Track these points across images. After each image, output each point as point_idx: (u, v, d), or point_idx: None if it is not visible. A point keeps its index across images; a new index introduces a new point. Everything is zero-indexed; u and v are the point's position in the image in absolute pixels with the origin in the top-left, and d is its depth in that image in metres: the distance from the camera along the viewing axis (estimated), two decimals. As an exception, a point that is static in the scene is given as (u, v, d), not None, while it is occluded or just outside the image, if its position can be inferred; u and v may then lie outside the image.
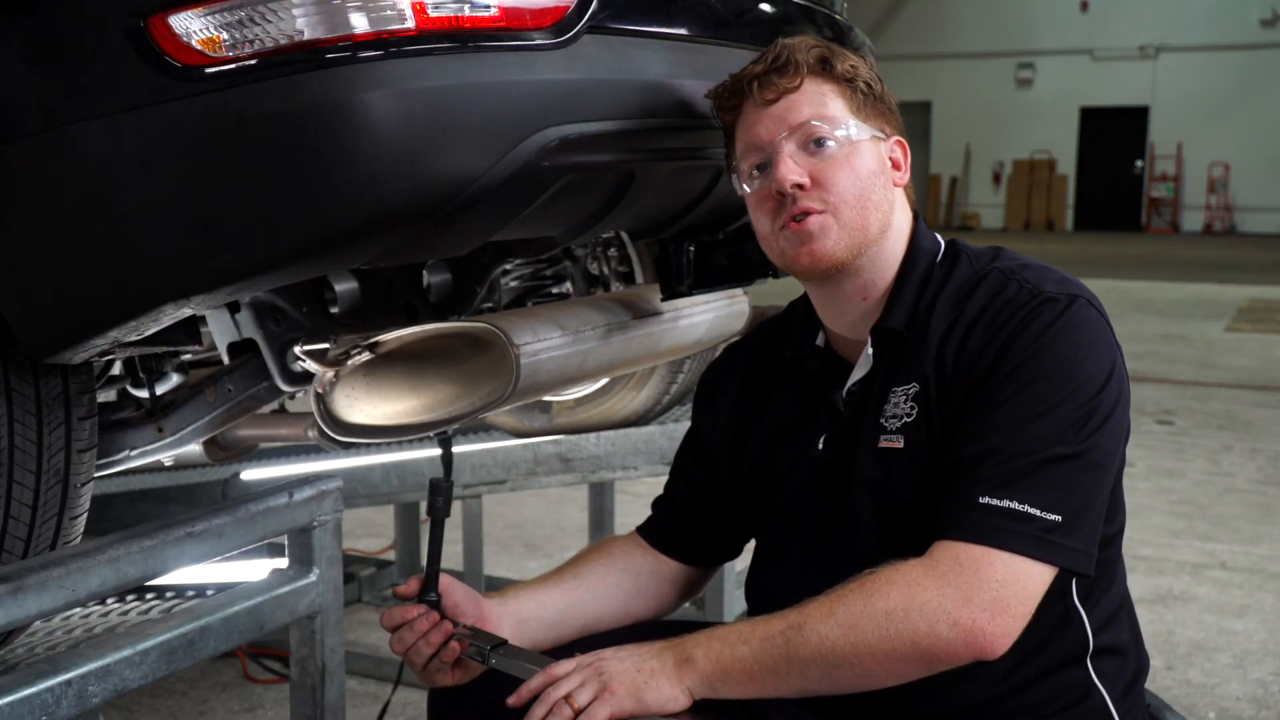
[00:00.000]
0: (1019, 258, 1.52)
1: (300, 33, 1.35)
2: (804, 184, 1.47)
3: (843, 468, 1.52)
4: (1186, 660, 3.20)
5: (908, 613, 1.31)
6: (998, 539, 1.32)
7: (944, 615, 1.30)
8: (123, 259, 1.46)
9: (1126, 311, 10.41)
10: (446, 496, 1.55)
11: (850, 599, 1.34)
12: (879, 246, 1.51)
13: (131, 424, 1.95)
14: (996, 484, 1.34)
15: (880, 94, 1.53)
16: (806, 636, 1.33)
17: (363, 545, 4.13)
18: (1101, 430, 1.38)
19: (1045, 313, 1.41)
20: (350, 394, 1.78)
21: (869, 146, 1.50)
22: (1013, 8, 24.26)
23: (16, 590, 1.38)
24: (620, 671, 1.37)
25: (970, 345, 1.43)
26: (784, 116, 1.49)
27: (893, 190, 1.53)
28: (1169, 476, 5.05)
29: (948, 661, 1.32)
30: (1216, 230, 23.36)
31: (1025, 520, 1.32)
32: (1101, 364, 1.40)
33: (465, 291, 2.05)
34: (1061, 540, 1.33)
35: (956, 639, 1.30)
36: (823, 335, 1.61)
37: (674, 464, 1.77)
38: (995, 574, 1.31)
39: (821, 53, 1.50)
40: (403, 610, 1.52)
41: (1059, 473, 1.34)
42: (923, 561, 1.34)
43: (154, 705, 2.90)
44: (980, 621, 1.30)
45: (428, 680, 1.54)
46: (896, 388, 1.48)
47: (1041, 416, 1.36)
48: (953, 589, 1.31)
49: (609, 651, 1.41)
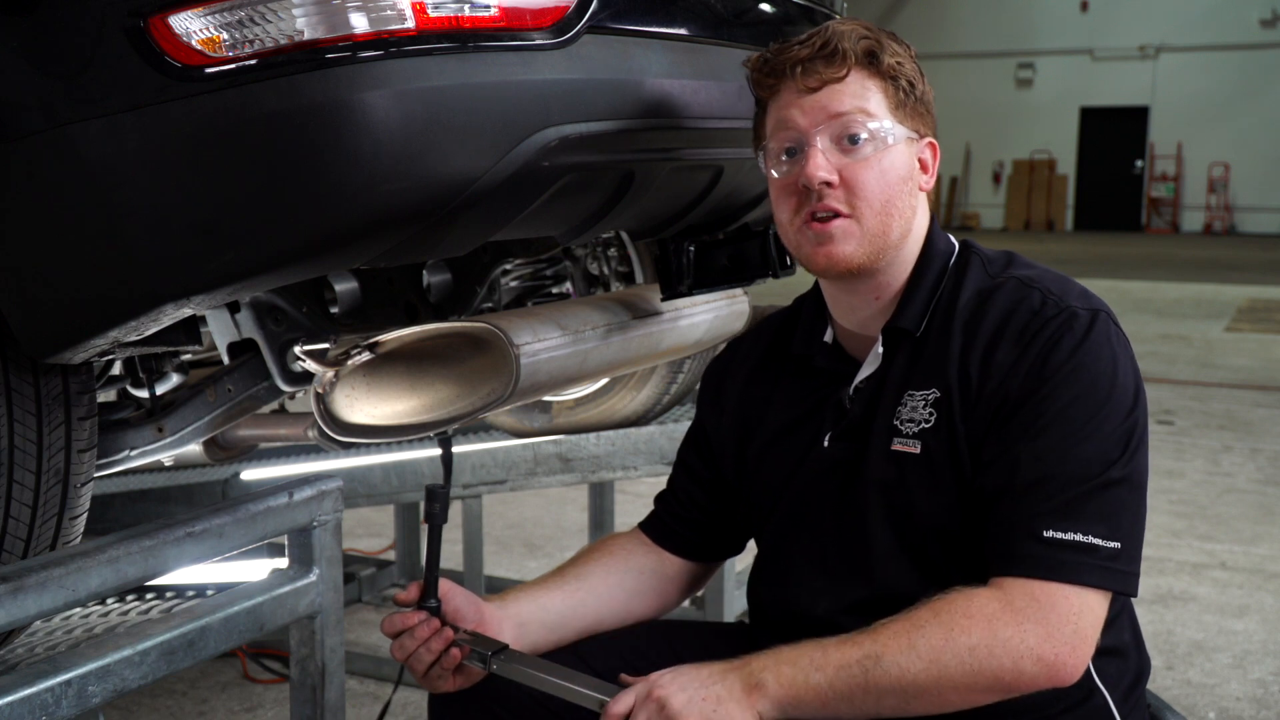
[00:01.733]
0: (1033, 265, 1.51)
1: (300, 33, 1.35)
2: (833, 182, 1.44)
3: (851, 467, 1.51)
4: (1186, 660, 3.20)
5: (991, 649, 1.32)
6: (1069, 574, 1.34)
7: (1028, 651, 1.32)
8: (123, 259, 1.46)
9: (1126, 311, 10.41)
10: (444, 503, 1.54)
11: (929, 632, 1.33)
12: (898, 250, 1.49)
13: (131, 424, 1.95)
14: (1056, 515, 1.35)
15: (920, 93, 1.49)
16: (886, 668, 1.33)
17: (363, 545, 4.13)
18: (1140, 449, 1.40)
19: (1075, 328, 1.41)
20: (350, 394, 1.78)
21: (902, 149, 1.47)
22: (1013, 8, 24.25)
23: (16, 590, 1.38)
24: (686, 703, 1.33)
25: (998, 358, 1.42)
26: (825, 106, 1.45)
27: (917, 195, 1.51)
28: (1169, 476, 5.05)
29: (1027, 691, 1.35)
30: (1216, 230, 23.36)
31: (1091, 552, 1.34)
32: (1129, 380, 1.41)
33: (465, 291, 2.05)
34: (1122, 567, 1.36)
35: (1040, 673, 1.33)
36: (831, 331, 1.60)
37: (678, 458, 1.76)
38: (1072, 607, 1.34)
39: (870, 45, 1.46)
40: (403, 617, 1.52)
41: (1112, 498, 1.36)
42: (997, 595, 1.35)
43: (154, 705, 2.90)
44: (1063, 655, 1.33)
45: (429, 686, 1.54)
46: (914, 391, 1.47)
47: (1087, 440, 1.37)
48: (1034, 625, 1.33)
49: (666, 678, 1.36)
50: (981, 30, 24.33)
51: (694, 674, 1.36)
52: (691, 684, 1.35)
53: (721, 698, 1.34)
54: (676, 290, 2.07)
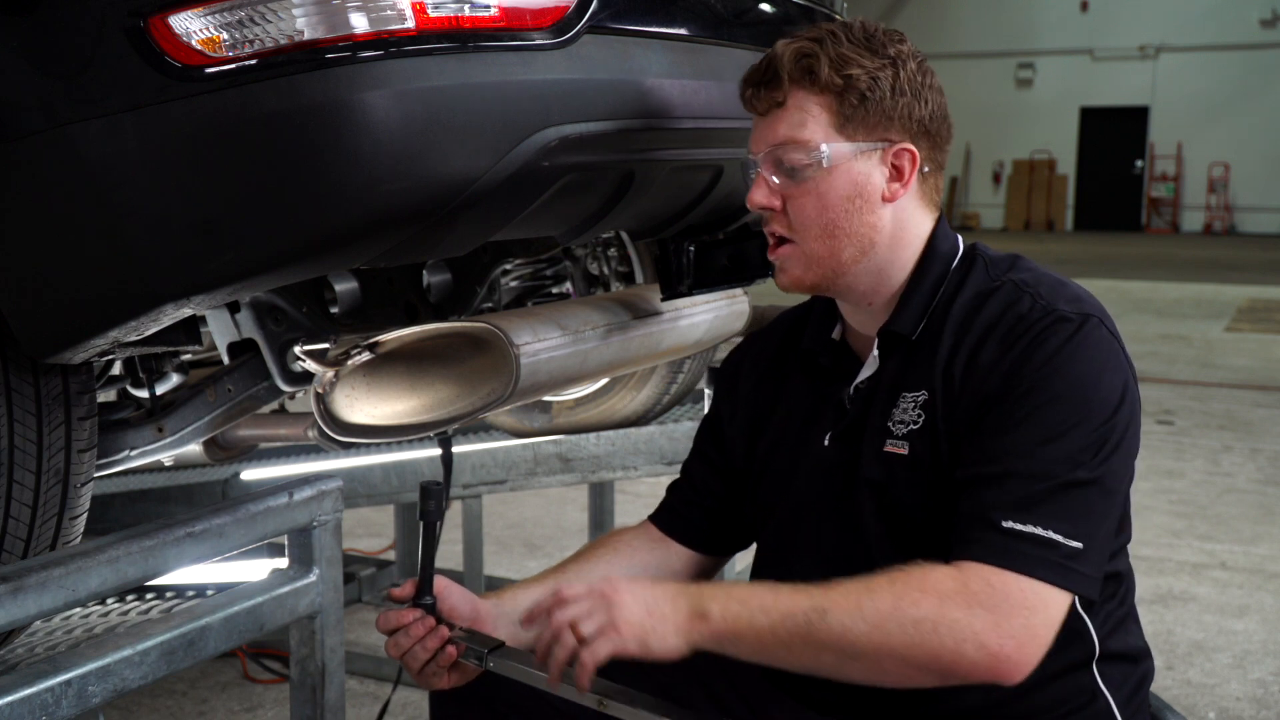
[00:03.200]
0: (1035, 269, 1.50)
1: (300, 33, 1.35)
2: (773, 207, 1.47)
3: (848, 468, 1.52)
4: (1186, 660, 3.20)
5: (936, 626, 1.30)
6: (1024, 564, 1.32)
7: (972, 636, 1.30)
8: (122, 259, 1.46)
9: (1126, 311, 10.41)
10: (438, 501, 1.54)
11: (879, 597, 1.33)
12: (867, 263, 1.48)
13: (131, 424, 1.95)
14: (1016, 507, 1.34)
15: (880, 98, 1.45)
16: (830, 623, 1.32)
17: (363, 545, 4.13)
18: (1115, 455, 1.37)
19: (1060, 332, 1.40)
20: (350, 394, 1.78)
21: (844, 171, 1.45)
22: (1013, 8, 24.25)
23: (16, 590, 1.38)
24: (631, 612, 1.35)
25: (981, 359, 1.42)
26: (763, 134, 1.47)
27: (878, 210, 1.47)
28: (1169, 476, 5.05)
29: (963, 679, 1.33)
30: (1216, 230, 23.35)
31: (1049, 547, 1.33)
32: (1114, 386, 1.40)
33: (465, 291, 2.06)
34: (1080, 568, 1.34)
35: (981, 661, 1.30)
36: (840, 328, 1.60)
37: (693, 448, 1.76)
38: (1026, 601, 1.31)
39: (809, 62, 1.43)
40: (398, 614, 1.52)
41: (1077, 498, 1.35)
42: (955, 575, 1.33)
43: (154, 705, 2.90)
44: (1008, 649, 1.30)
45: (424, 683, 1.53)
46: (907, 393, 1.48)
47: (1057, 440, 1.36)
48: (984, 611, 1.30)
49: (624, 583, 1.38)
50: (981, 30, 24.32)
51: (649, 588, 1.38)
52: (644, 595, 1.36)
53: (665, 616, 1.35)
54: (676, 290, 2.07)
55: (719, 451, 1.71)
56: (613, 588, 1.37)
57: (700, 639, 1.35)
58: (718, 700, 1.61)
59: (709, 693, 1.61)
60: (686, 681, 1.60)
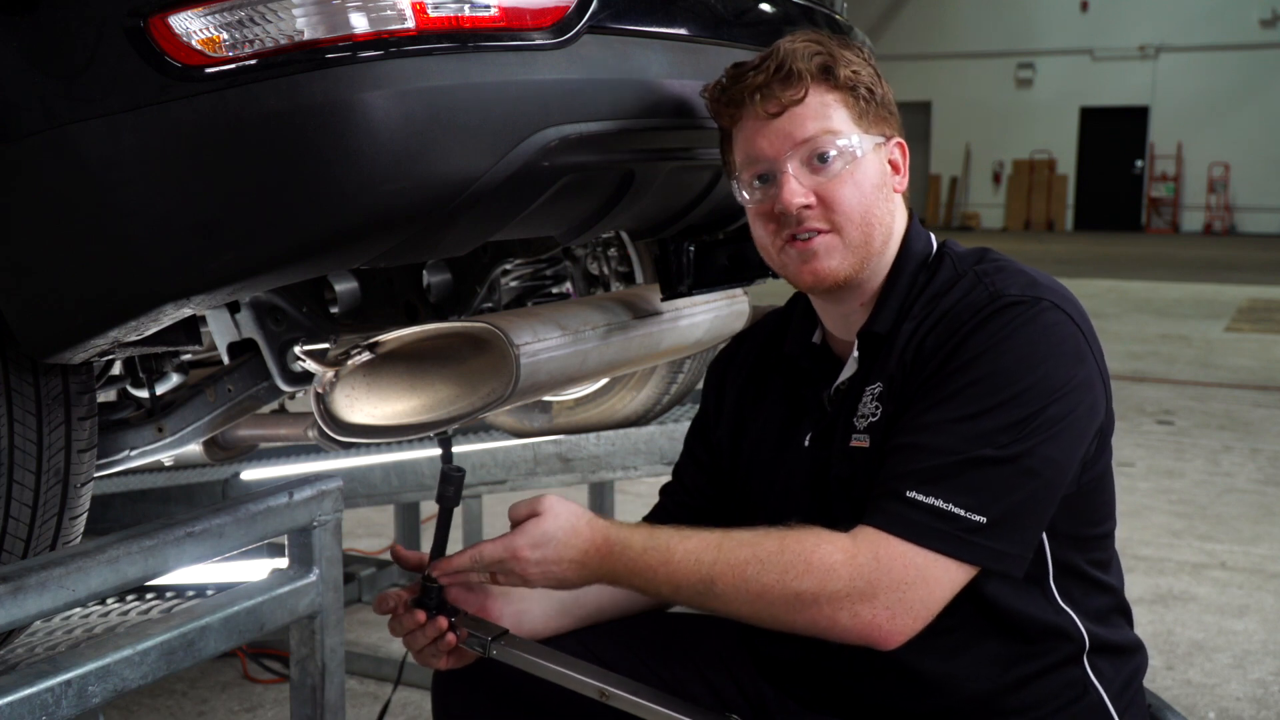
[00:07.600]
0: (1001, 260, 1.51)
1: (300, 33, 1.35)
2: (810, 204, 1.46)
3: (822, 467, 1.53)
4: (1186, 660, 3.20)
5: (816, 598, 1.35)
6: (918, 535, 1.35)
7: (847, 605, 1.34)
8: (122, 259, 1.46)
9: (1126, 311, 10.40)
10: (457, 487, 1.55)
11: (767, 570, 1.37)
12: (880, 257, 1.51)
13: (131, 424, 1.95)
14: (922, 479, 1.36)
15: (880, 97, 1.50)
16: (717, 593, 1.39)
17: (363, 545, 4.13)
18: (1044, 438, 1.37)
19: (1005, 315, 1.40)
20: (350, 394, 1.78)
21: (872, 158, 1.48)
22: (1013, 8, 24.25)
23: (16, 590, 1.38)
24: (551, 526, 1.43)
25: (927, 345, 1.44)
26: (789, 132, 1.47)
27: (894, 198, 1.52)
28: (1169, 476, 5.05)
29: (839, 640, 1.38)
30: (1216, 230, 23.36)
31: (947, 519, 1.35)
32: (1057, 371, 1.39)
33: (465, 291, 2.06)
34: (985, 542, 1.35)
35: (851, 628, 1.35)
36: (820, 332, 1.61)
37: (684, 449, 1.77)
38: (908, 573, 1.34)
39: (824, 60, 1.47)
40: (396, 594, 1.52)
41: (986, 475, 1.36)
42: (845, 546, 1.37)
43: (154, 705, 2.90)
44: (879, 619, 1.35)
45: (422, 662, 1.55)
46: (868, 386, 1.50)
47: (973, 418, 1.37)
48: (864, 583, 1.34)
49: (562, 505, 1.45)
50: (981, 30, 24.33)
51: (579, 516, 1.45)
52: (571, 518, 1.44)
53: (569, 545, 1.43)
54: (676, 290, 2.07)
55: (708, 452, 1.72)
56: (552, 511, 1.45)
57: (594, 577, 1.44)
58: (717, 693, 1.62)
59: (709, 685, 1.62)
60: (687, 674, 1.61)
